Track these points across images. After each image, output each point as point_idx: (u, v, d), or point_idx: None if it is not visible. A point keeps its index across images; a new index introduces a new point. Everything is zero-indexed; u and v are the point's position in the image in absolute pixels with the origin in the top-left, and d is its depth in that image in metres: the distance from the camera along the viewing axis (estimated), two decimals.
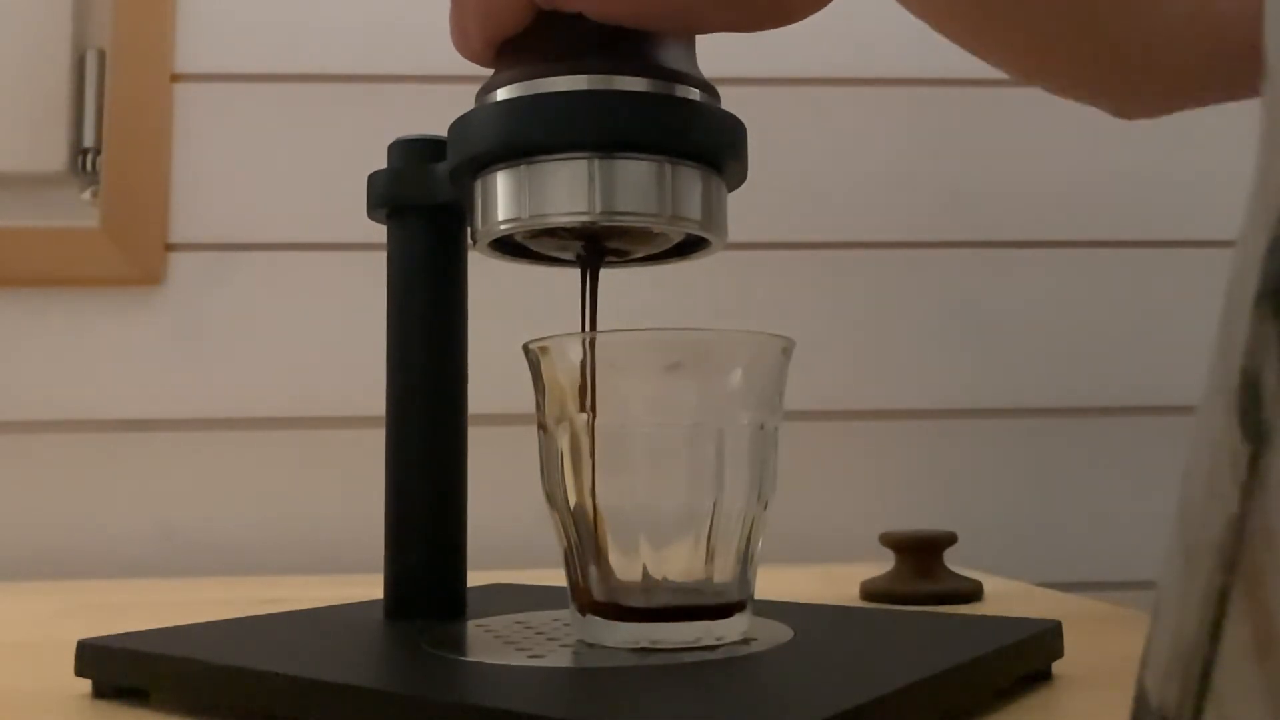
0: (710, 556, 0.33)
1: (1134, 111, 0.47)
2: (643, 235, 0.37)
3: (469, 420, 0.41)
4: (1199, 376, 0.15)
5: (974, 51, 0.44)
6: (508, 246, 0.38)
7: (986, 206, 0.89)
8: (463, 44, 0.37)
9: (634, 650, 0.32)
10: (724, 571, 0.34)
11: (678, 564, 0.33)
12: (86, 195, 0.85)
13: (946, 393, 0.87)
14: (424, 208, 0.40)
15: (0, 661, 0.43)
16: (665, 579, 0.33)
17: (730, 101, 0.36)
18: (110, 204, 0.84)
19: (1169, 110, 0.46)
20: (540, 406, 0.35)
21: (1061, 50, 0.42)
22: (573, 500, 0.34)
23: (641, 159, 0.34)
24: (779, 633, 0.35)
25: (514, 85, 0.35)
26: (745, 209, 0.50)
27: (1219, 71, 0.42)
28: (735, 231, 0.38)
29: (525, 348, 0.35)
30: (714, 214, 0.36)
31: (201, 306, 0.84)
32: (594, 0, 0.34)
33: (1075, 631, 0.38)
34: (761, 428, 0.34)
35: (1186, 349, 0.86)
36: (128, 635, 0.36)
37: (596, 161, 0.34)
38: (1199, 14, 0.41)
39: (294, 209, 0.86)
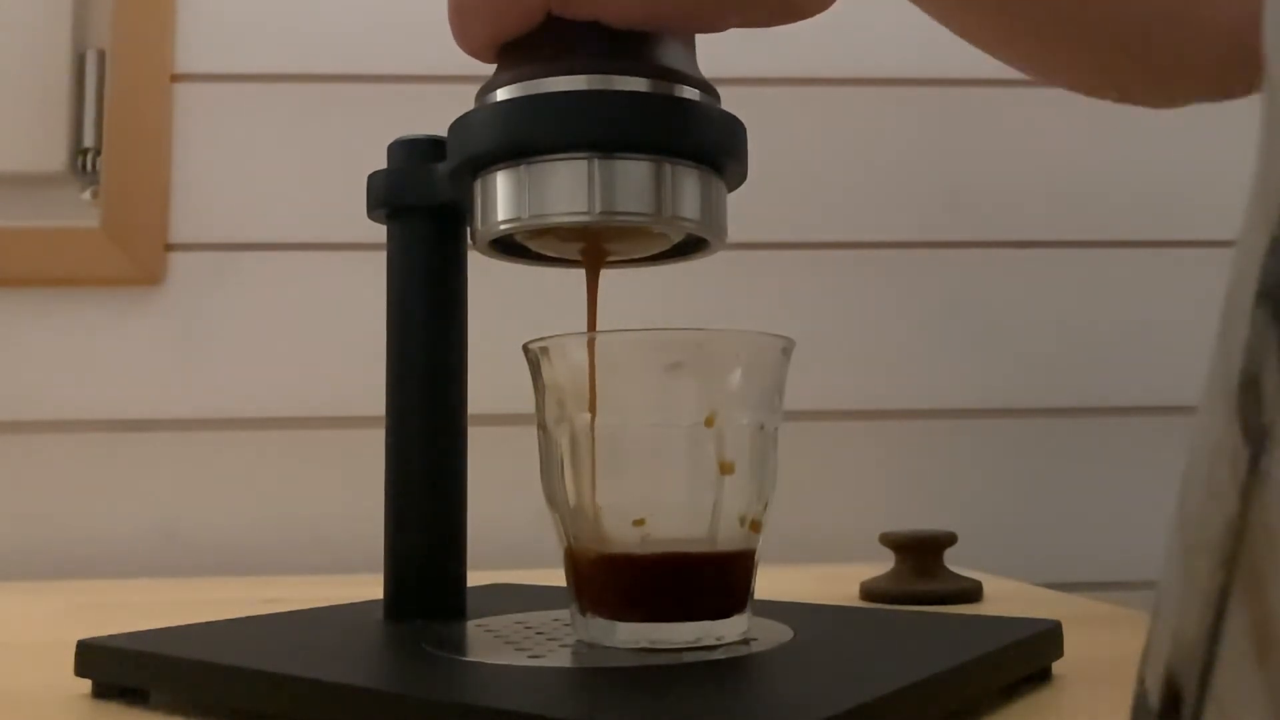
0: (710, 557, 0.33)
1: (1147, 100, 0.47)
2: (642, 235, 0.37)
3: (469, 420, 0.41)
4: (1199, 376, 0.15)
5: (982, 44, 0.44)
6: (508, 246, 0.38)
7: (987, 206, 0.89)
8: (465, 40, 0.36)
9: (634, 650, 0.32)
10: (724, 571, 0.34)
11: (677, 564, 0.33)
12: (86, 195, 0.85)
13: (946, 393, 0.87)
14: (424, 208, 0.40)
15: (0, 661, 0.43)
16: (665, 579, 0.33)
17: (730, 101, 0.36)
18: (110, 204, 0.84)
19: (1184, 101, 0.46)
20: (540, 406, 0.35)
21: (1077, 44, 0.42)
22: (573, 500, 0.34)
23: (641, 159, 0.34)
24: (779, 633, 0.35)
25: (514, 85, 0.35)
26: (745, 209, 0.50)
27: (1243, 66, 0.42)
28: (735, 231, 0.38)
29: (525, 348, 0.35)
30: (713, 214, 0.36)
31: (201, 306, 0.84)
32: (609, 5, 0.34)
33: (1075, 631, 0.38)
34: (761, 428, 0.34)
35: (1186, 349, 0.86)
36: (128, 635, 0.36)
37: (596, 162, 0.34)
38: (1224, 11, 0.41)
39: (294, 209, 0.86)
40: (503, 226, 0.35)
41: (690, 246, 0.38)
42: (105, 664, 0.35)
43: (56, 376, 0.83)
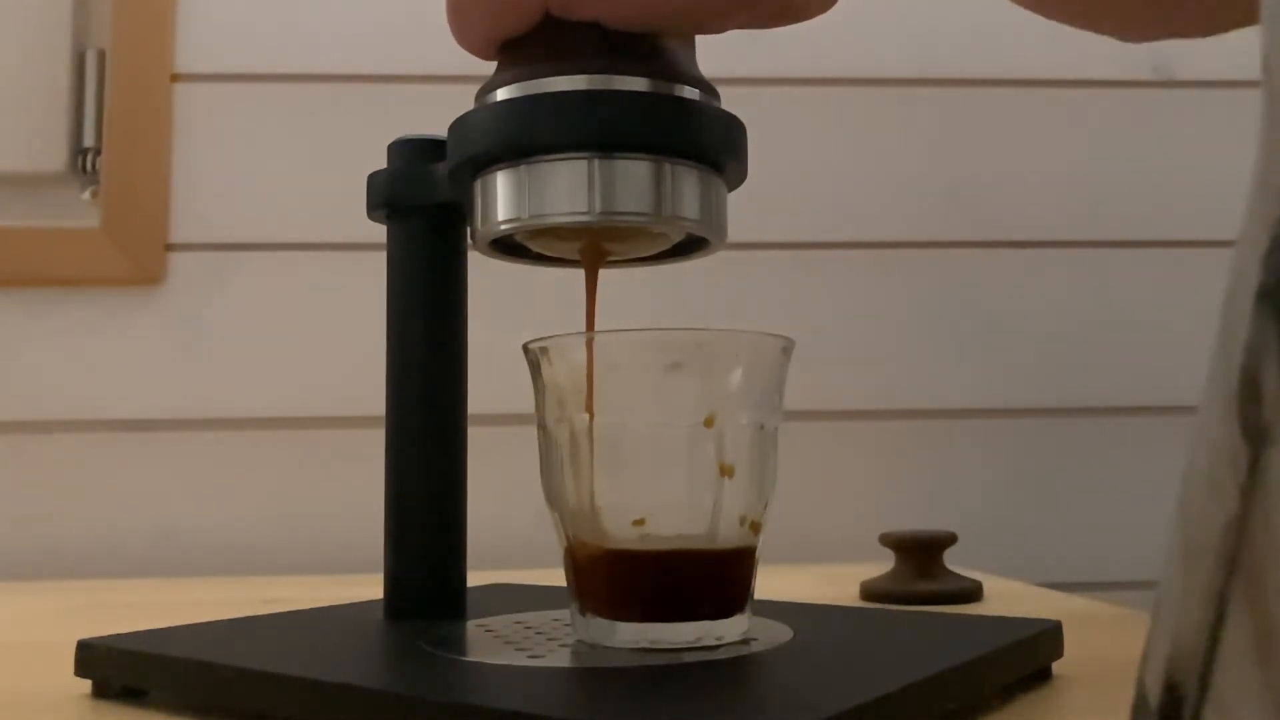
0: (710, 557, 0.33)
1: (1137, 30, 0.45)
2: (642, 235, 0.37)
3: (469, 420, 0.41)
4: (1199, 376, 0.15)
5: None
6: (507, 246, 0.38)
7: (987, 206, 0.89)
8: (463, 38, 0.36)
9: (634, 650, 0.32)
10: (724, 571, 0.34)
11: (677, 564, 0.33)
12: (86, 195, 0.85)
13: (946, 393, 0.87)
14: (424, 208, 0.40)
15: (0, 661, 0.43)
16: (665, 579, 0.33)
17: (730, 101, 0.36)
18: (110, 204, 0.84)
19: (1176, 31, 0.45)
20: (540, 406, 0.35)
21: None
22: (573, 500, 0.34)
23: (641, 159, 0.34)
24: (779, 633, 0.35)
25: (514, 85, 0.35)
26: (746, 209, 0.50)
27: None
28: (735, 231, 0.38)
29: (525, 348, 0.35)
30: (713, 214, 0.36)
31: (201, 306, 0.84)
32: (611, 6, 0.34)
33: (1075, 631, 0.38)
34: (761, 428, 0.34)
35: (1186, 349, 0.86)
36: (128, 635, 0.36)
37: (596, 161, 0.34)
38: None
39: (294, 209, 0.86)
40: (503, 227, 0.35)
41: (690, 246, 0.38)
42: (105, 664, 0.35)
43: (56, 376, 0.83)
